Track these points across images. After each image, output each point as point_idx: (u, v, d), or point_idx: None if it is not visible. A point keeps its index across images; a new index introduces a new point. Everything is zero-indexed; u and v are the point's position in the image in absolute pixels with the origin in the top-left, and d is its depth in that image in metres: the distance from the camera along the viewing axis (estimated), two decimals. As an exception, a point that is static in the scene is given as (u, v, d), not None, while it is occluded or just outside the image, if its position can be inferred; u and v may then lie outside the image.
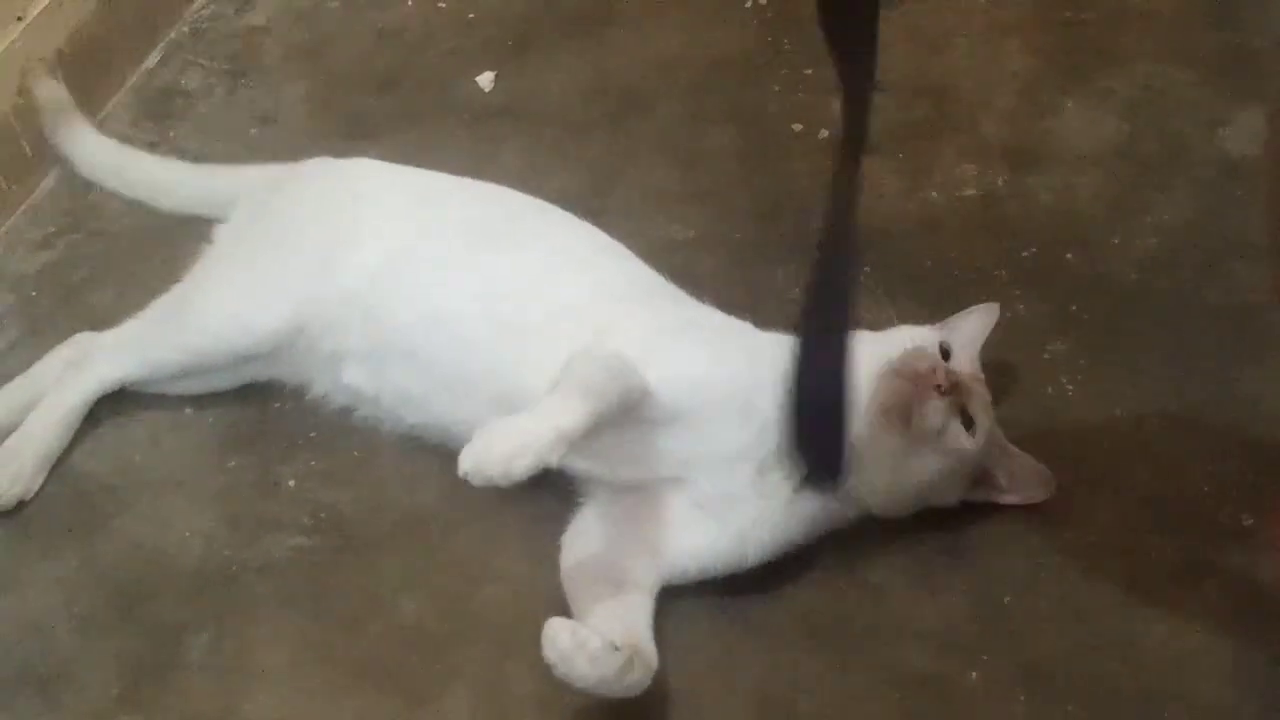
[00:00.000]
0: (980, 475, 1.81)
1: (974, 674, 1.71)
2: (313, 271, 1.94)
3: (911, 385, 1.70)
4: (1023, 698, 1.69)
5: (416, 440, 1.94)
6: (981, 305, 1.92)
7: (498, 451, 1.54)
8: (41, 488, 1.93)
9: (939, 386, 1.70)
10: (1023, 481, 1.81)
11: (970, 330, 1.88)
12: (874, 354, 1.73)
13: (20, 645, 1.77)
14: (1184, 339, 2.04)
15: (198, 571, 1.84)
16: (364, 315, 1.90)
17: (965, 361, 1.80)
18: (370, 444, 1.97)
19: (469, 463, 1.54)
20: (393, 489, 1.93)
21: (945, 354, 1.77)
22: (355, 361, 1.92)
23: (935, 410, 1.70)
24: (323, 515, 1.90)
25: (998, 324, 1.91)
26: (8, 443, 1.93)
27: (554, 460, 1.56)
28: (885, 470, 1.73)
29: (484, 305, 1.86)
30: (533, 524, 1.87)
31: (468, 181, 2.07)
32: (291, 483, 1.94)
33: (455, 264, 1.91)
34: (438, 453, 1.92)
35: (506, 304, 1.86)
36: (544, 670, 1.70)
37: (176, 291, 2.03)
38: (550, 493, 1.87)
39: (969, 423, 1.73)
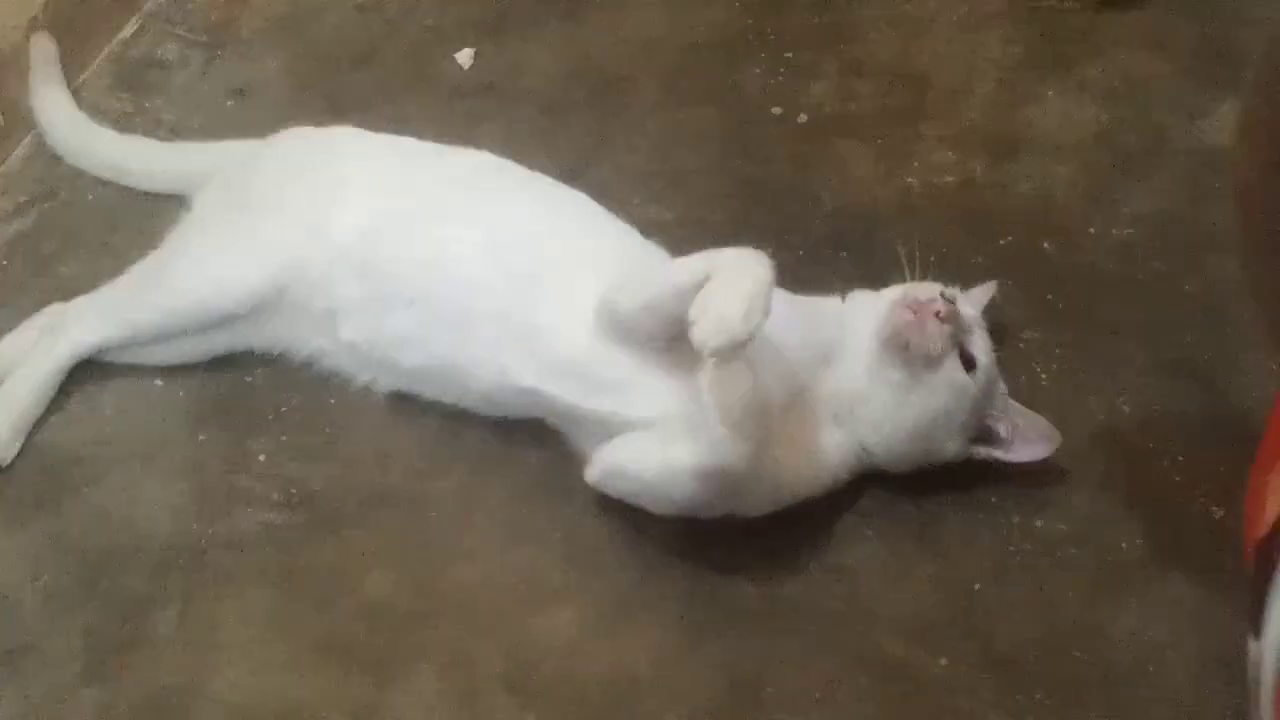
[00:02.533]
0: (983, 431, 1.82)
1: (943, 660, 1.72)
2: (296, 231, 1.94)
3: (912, 313, 1.75)
4: (991, 684, 1.69)
5: (408, 393, 1.95)
6: (982, 284, 1.99)
7: (732, 316, 1.58)
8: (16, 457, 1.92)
9: (938, 313, 1.74)
10: (1025, 436, 1.82)
11: (970, 299, 1.92)
12: (879, 298, 1.84)
13: (-14, 616, 1.77)
14: (1159, 329, 2.04)
15: (166, 545, 1.83)
16: (358, 270, 1.89)
17: (969, 311, 1.84)
18: (343, 420, 1.97)
19: (714, 338, 1.57)
20: (364, 466, 1.92)
21: (949, 300, 1.80)
22: (351, 315, 1.91)
23: (934, 334, 1.74)
24: (293, 491, 1.89)
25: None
26: None
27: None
28: (887, 406, 1.77)
29: (491, 250, 1.87)
30: (503, 502, 1.87)
31: (455, 146, 2.08)
32: (262, 457, 1.93)
33: (456, 213, 1.93)
34: (411, 429, 1.94)
35: (514, 247, 1.88)
36: (512, 649, 1.71)
37: (154, 256, 2.02)
38: (522, 470, 1.88)
39: (970, 363, 1.76)
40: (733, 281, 1.62)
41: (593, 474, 1.80)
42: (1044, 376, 1.99)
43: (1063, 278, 2.12)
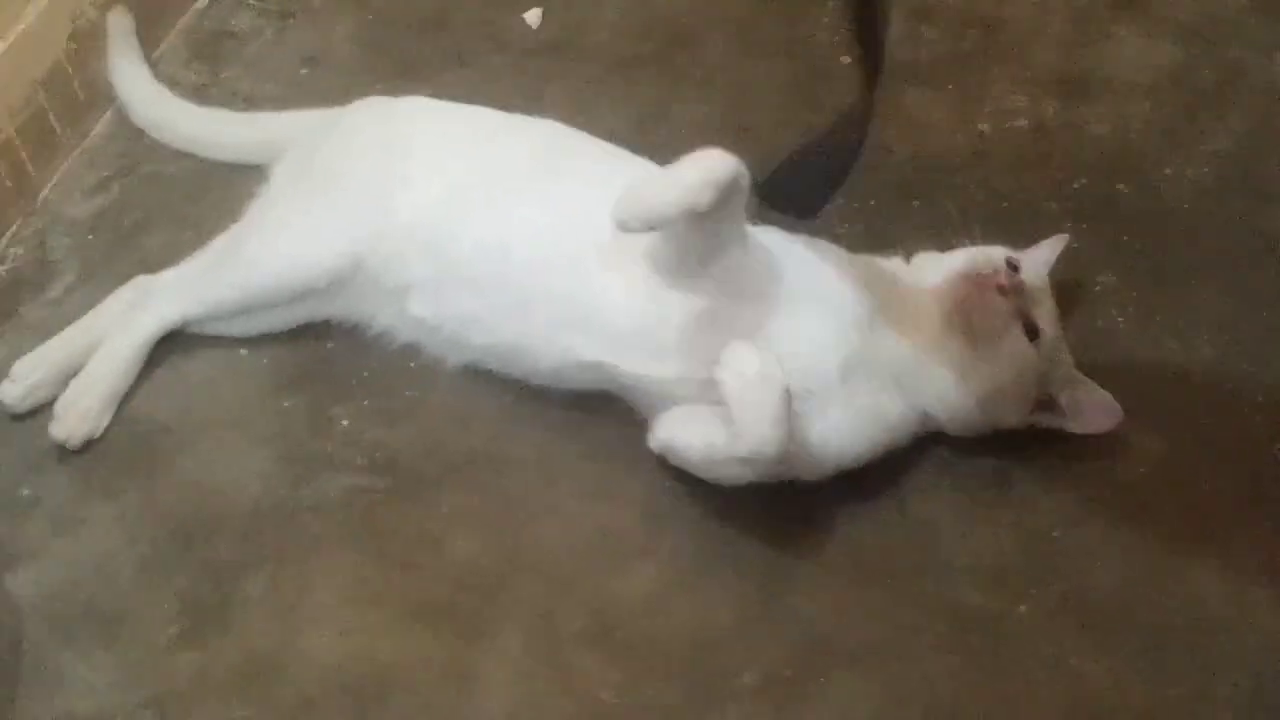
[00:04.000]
0: (1044, 400, 1.81)
1: (1023, 608, 1.72)
2: (370, 207, 1.95)
3: (975, 287, 1.75)
4: (1072, 631, 1.70)
5: (479, 368, 1.96)
6: (1052, 237, 1.95)
7: (649, 195, 1.66)
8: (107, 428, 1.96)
9: (1001, 287, 1.74)
10: (1087, 409, 1.81)
11: (1038, 257, 1.91)
12: (941, 266, 1.83)
13: (84, 584, 1.80)
14: (1236, 270, 2.03)
15: (254, 511, 1.86)
16: (427, 247, 1.91)
17: (1034, 278, 1.82)
18: (424, 384, 1.99)
19: (620, 211, 1.65)
20: (446, 428, 1.94)
21: (1014, 268, 1.80)
22: (420, 292, 1.93)
23: (998, 309, 1.74)
24: (376, 455, 1.92)
25: (1048, 256, 1.91)
26: (73, 384, 1.95)
27: (703, 203, 1.64)
28: (951, 378, 1.78)
29: (553, 233, 1.88)
30: (582, 462, 1.89)
31: (523, 117, 2.08)
32: (345, 423, 1.96)
33: (523, 192, 1.93)
34: (491, 392, 1.95)
35: (576, 228, 1.88)
36: (595, 607, 1.74)
37: (234, 231, 2.05)
38: (600, 430, 1.90)
39: (1034, 333, 1.76)
40: (669, 169, 1.68)
41: (653, 443, 1.84)
42: (1121, 320, 1.98)
43: (1138, 220, 2.11)
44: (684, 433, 1.79)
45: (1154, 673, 1.66)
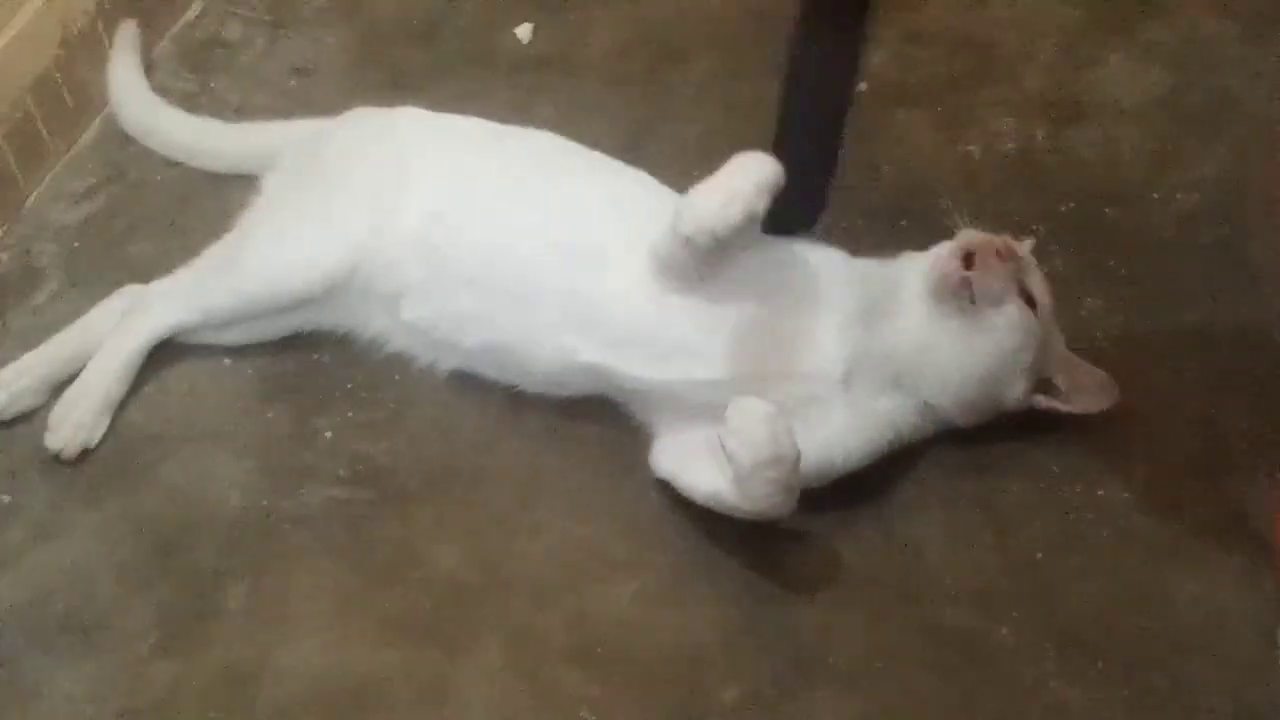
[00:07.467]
0: (1042, 383, 1.82)
1: (1005, 630, 1.72)
2: (366, 214, 1.96)
3: (963, 256, 1.75)
4: (1053, 653, 1.70)
5: (470, 373, 1.97)
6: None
7: (713, 204, 1.69)
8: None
9: (998, 251, 1.75)
10: (1083, 388, 1.83)
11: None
12: (929, 252, 1.82)
13: (63, 592, 1.79)
14: (1223, 295, 2.03)
15: (236, 521, 1.86)
16: (424, 251, 1.92)
17: (1027, 254, 1.83)
18: (407, 397, 1.99)
19: (684, 224, 1.71)
20: (429, 441, 1.94)
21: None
22: (414, 296, 1.93)
23: (995, 273, 1.75)
24: (359, 467, 1.91)
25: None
26: (67, 393, 1.94)
27: (760, 209, 1.70)
28: (950, 355, 1.77)
29: (550, 229, 1.89)
30: (565, 477, 1.89)
31: (515, 127, 2.10)
32: (329, 434, 1.95)
33: (517, 194, 1.95)
34: (474, 405, 1.96)
35: (574, 225, 1.90)
36: (576, 622, 1.73)
37: (229, 240, 2.05)
38: (583, 445, 1.90)
39: (1032, 302, 1.77)
40: (720, 177, 1.72)
41: (657, 471, 1.84)
42: (1105, 344, 1.98)
43: (1125, 244, 2.11)
44: (687, 475, 1.79)
45: (1134, 696, 1.66)
